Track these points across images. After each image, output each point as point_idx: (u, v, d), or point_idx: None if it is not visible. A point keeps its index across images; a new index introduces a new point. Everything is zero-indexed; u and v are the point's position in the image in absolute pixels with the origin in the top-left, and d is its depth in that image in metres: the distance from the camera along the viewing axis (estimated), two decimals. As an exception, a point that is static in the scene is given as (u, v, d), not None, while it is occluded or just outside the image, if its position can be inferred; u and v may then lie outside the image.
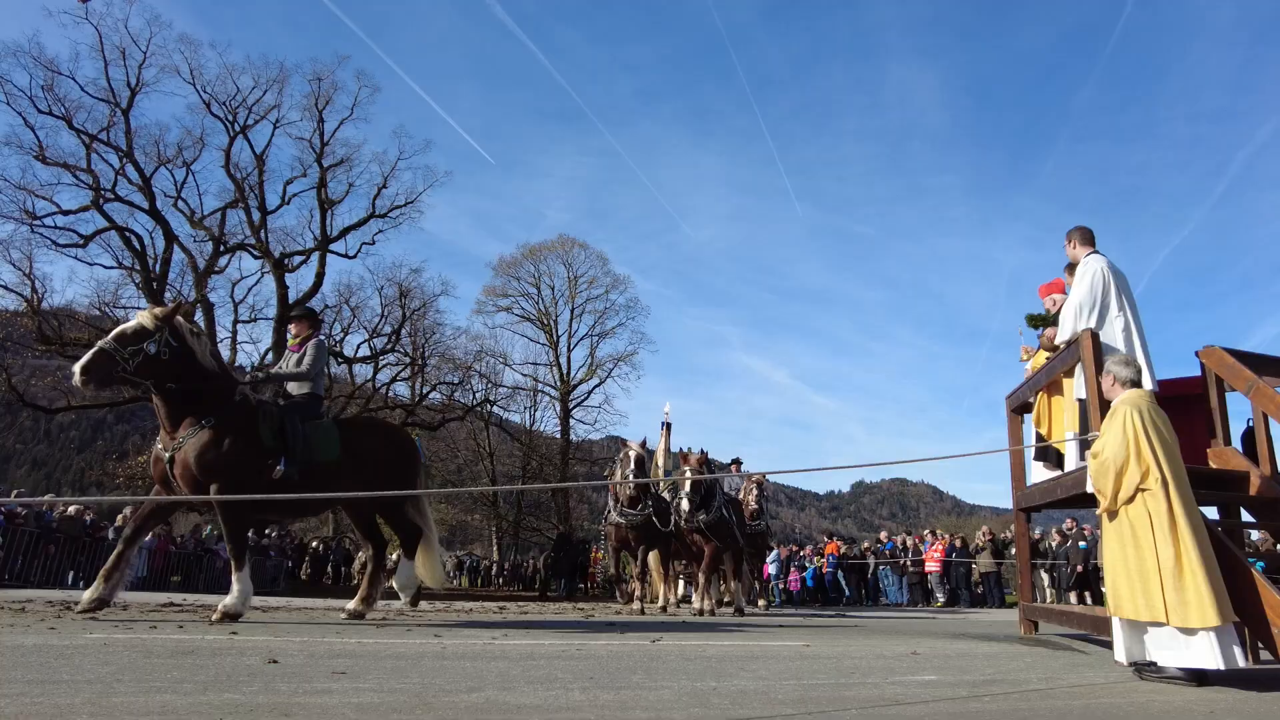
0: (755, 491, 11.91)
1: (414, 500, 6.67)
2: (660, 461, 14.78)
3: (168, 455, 5.39)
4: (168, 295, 23.17)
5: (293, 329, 6.73)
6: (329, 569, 24.04)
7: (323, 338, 6.57)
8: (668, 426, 15.50)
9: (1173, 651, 3.51)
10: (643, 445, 10.57)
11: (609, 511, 10.68)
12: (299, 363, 6.23)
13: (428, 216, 27.81)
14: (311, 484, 5.63)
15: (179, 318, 5.54)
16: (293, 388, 6.26)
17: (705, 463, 10.71)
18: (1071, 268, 5.51)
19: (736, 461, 13.63)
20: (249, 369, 6.44)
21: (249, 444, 5.47)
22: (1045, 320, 6.37)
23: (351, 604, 6.53)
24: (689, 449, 13.31)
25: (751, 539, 11.91)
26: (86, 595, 5.39)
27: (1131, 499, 3.70)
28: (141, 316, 5.42)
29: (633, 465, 10.14)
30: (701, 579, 10.44)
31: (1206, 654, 3.41)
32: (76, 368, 5.05)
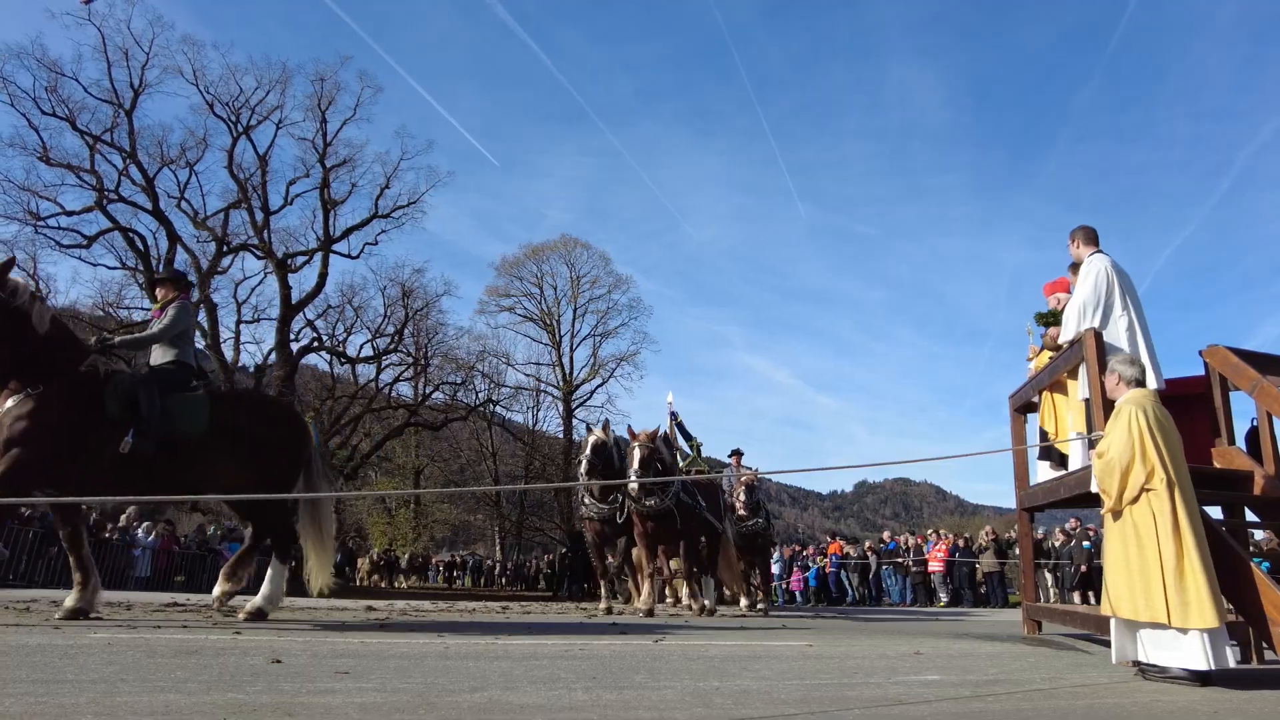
0: (744, 494, 11.04)
1: (309, 499, 6.26)
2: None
3: None
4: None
5: (159, 292, 6.24)
6: (332, 568, 24.07)
7: (187, 300, 6.05)
8: (674, 417, 14.22)
9: (1170, 652, 3.51)
10: (604, 429, 9.42)
11: (581, 505, 9.95)
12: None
13: (430, 216, 27.83)
14: (175, 460, 5.27)
15: (13, 277, 5.08)
16: (155, 356, 5.80)
17: (656, 439, 9.22)
18: (1075, 267, 5.51)
19: (737, 453, 13.02)
20: (100, 338, 5.76)
21: (85, 414, 5.03)
22: (1054, 318, 6.36)
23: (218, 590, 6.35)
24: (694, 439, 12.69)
25: (749, 539, 11.29)
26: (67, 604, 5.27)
27: (1136, 499, 3.69)
28: None
29: (589, 451, 9.06)
30: (642, 574, 9.42)
31: (1201, 654, 3.41)
32: None
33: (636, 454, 8.58)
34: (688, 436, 13.44)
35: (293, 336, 25.07)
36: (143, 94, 22.67)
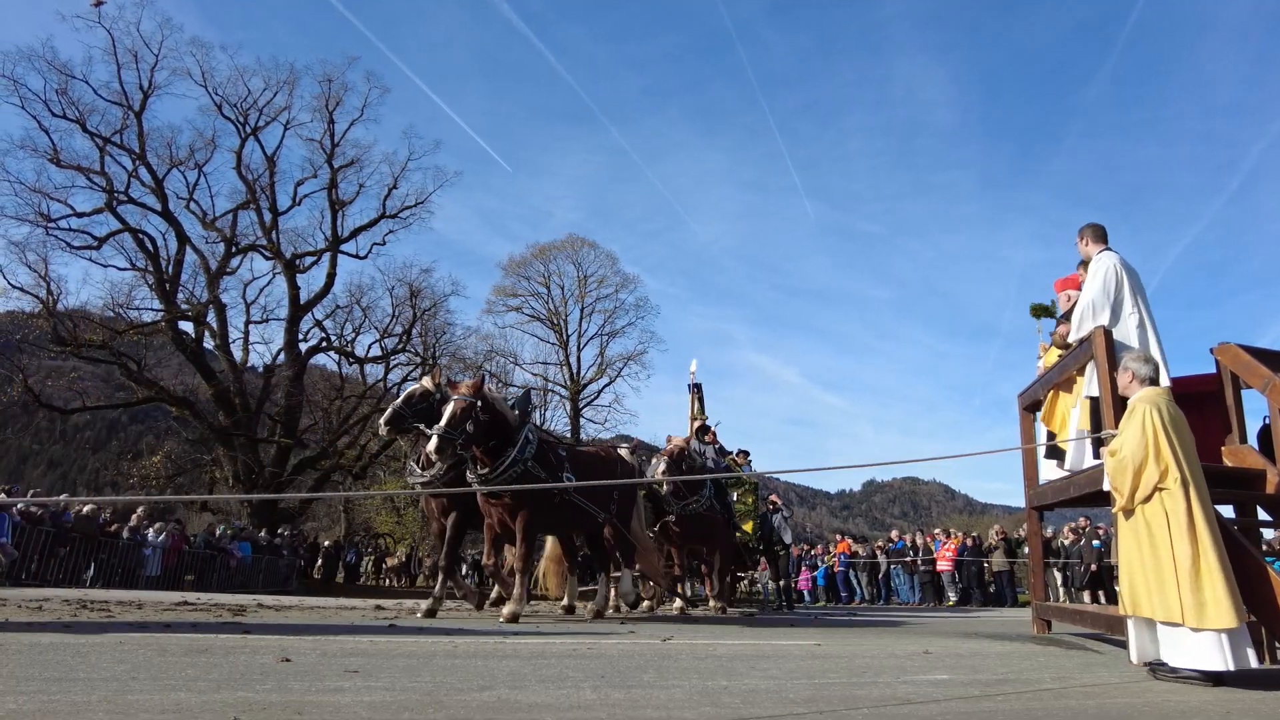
0: (664, 466, 8.68)
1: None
2: (691, 433, 12.56)
3: None
4: (180, 296, 23.38)
5: None
6: (340, 568, 24.18)
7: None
8: (697, 389, 13.23)
9: (1187, 652, 3.48)
10: (435, 375, 7.64)
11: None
12: None
13: (437, 216, 27.99)
14: None
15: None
16: None
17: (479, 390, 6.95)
18: (1085, 265, 5.48)
19: (743, 453, 12.77)
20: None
21: None
22: (1048, 310, 6.33)
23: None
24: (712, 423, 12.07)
25: (689, 523, 9.22)
26: None
27: (1149, 498, 3.67)
28: None
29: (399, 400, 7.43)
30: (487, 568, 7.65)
31: (1220, 655, 3.38)
32: None
33: (447, 410, 6.43)
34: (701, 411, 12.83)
35: (301, 337, 25.22)
36: (152, 96, 22.87)
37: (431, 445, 6.31)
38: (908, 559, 18.01)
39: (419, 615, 6.92)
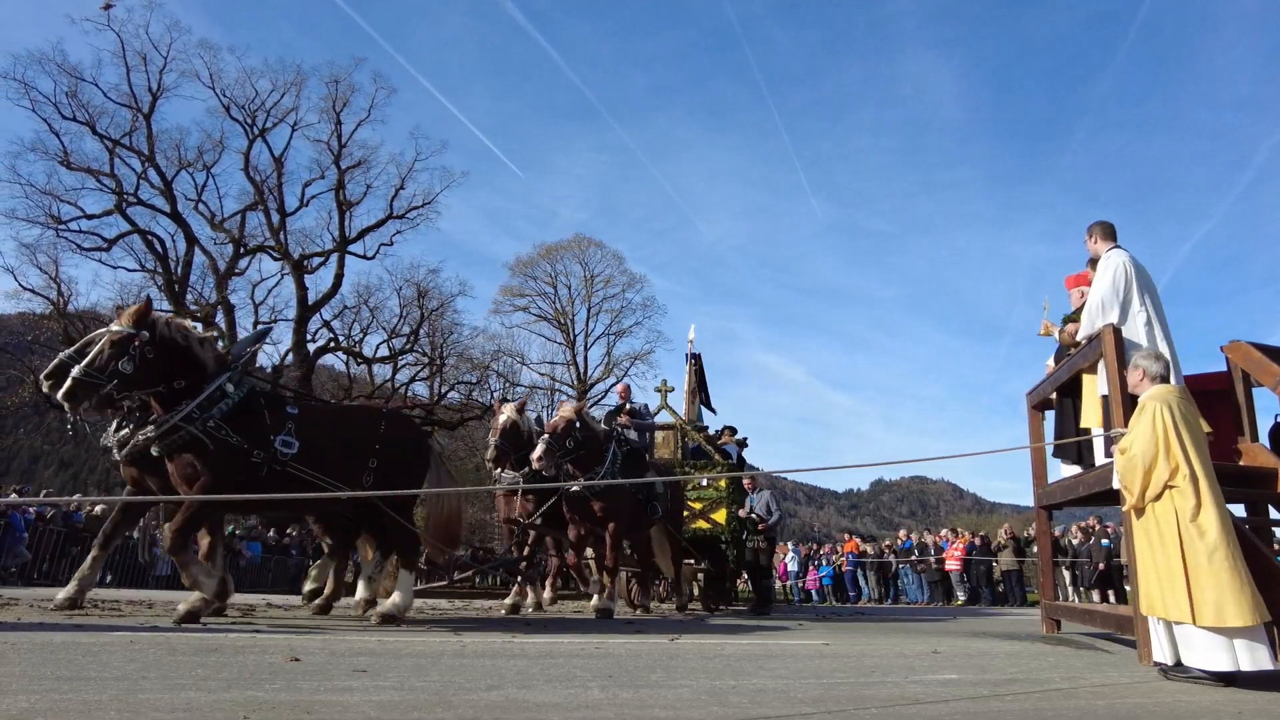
0: (541, 445, 7.29)
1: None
2: (685, 410, 11.74)
3: None
4: (189, 297, 23.48)
5: None
6: (349, 569, 24.20)
7: None
8: (696, 359, 12.08)
9: (1199, 652, 3.46)
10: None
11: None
12: None
13: (444, 216, 27.90)
14: None
15: None
16: None
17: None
18: (1094, 263, 5.45)
19: (729, 430, 11.62)
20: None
21: None
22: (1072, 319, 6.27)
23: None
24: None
25: (582, 503, 7.72)
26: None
27: (1159, 496, 3.65)
28: None
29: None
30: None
31: (1232, 655, 3.36)
32: None
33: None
34: (703, 388, 11.99)
35: (309, 337, 25.27)
36: (160, 98, 22.90)
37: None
38: (913, 558, 17.97)
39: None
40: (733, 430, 11.84)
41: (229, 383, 5.44)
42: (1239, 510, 4.94)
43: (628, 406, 9.27)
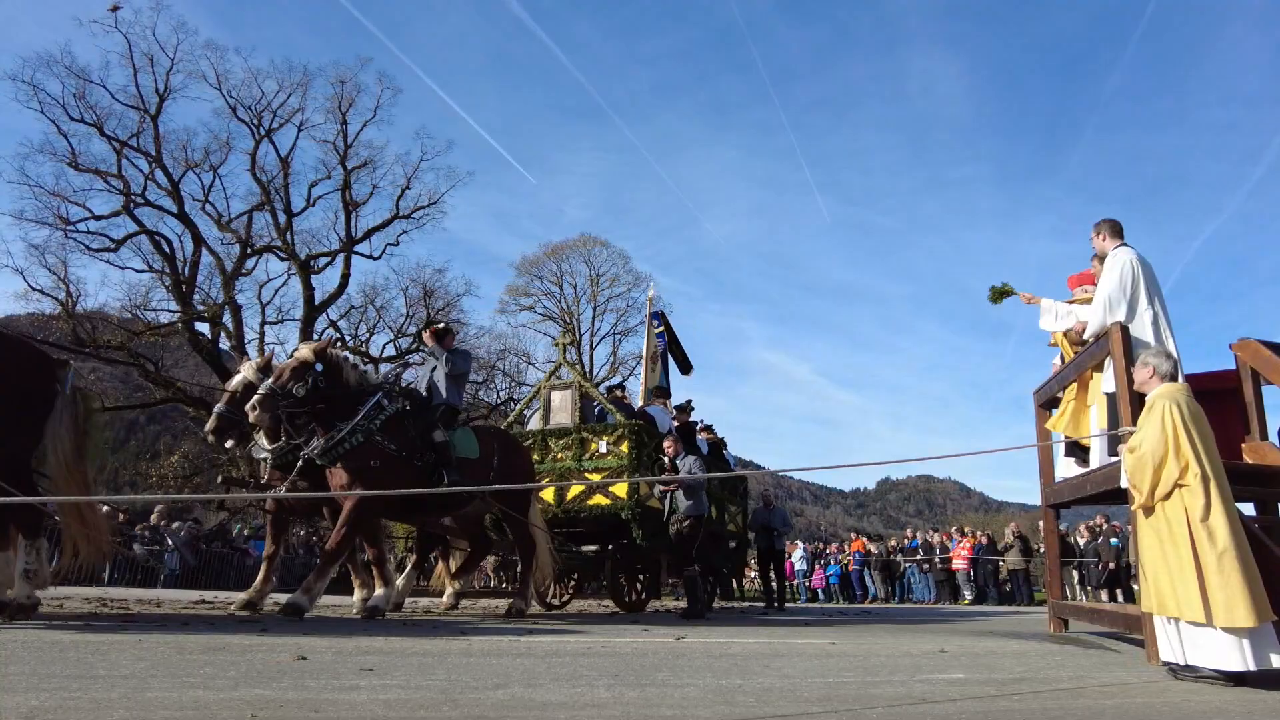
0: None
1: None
2: (645, 377, 11.09)
3: None
4: (196, 297, 23.57)
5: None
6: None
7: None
8: (661, 319, 11.14)
9: (1208, 651, 3.44)
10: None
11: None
12: None
13: (449, 216, 27.99)
14: None
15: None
16: None
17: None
18: (1099, 260, 5.42)
19: (683, 408, 10.68)
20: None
21: None
22: (1005, 292, 6.26)
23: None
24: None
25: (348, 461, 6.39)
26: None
27: (1169, 495, 3.63)
28: None
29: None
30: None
31: (1242, 654, 3.34)
32: None
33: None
34: (676, 348, 10.86)
35: (316, 337, 25.31)
36: (167, 99, 22.98)
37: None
38: (918, 557, 17.92)
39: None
40: (708, 428, 11.14)
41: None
42: (1248, 509, 4.91)
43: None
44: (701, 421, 11.04)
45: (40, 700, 2.24)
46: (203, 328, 23.49)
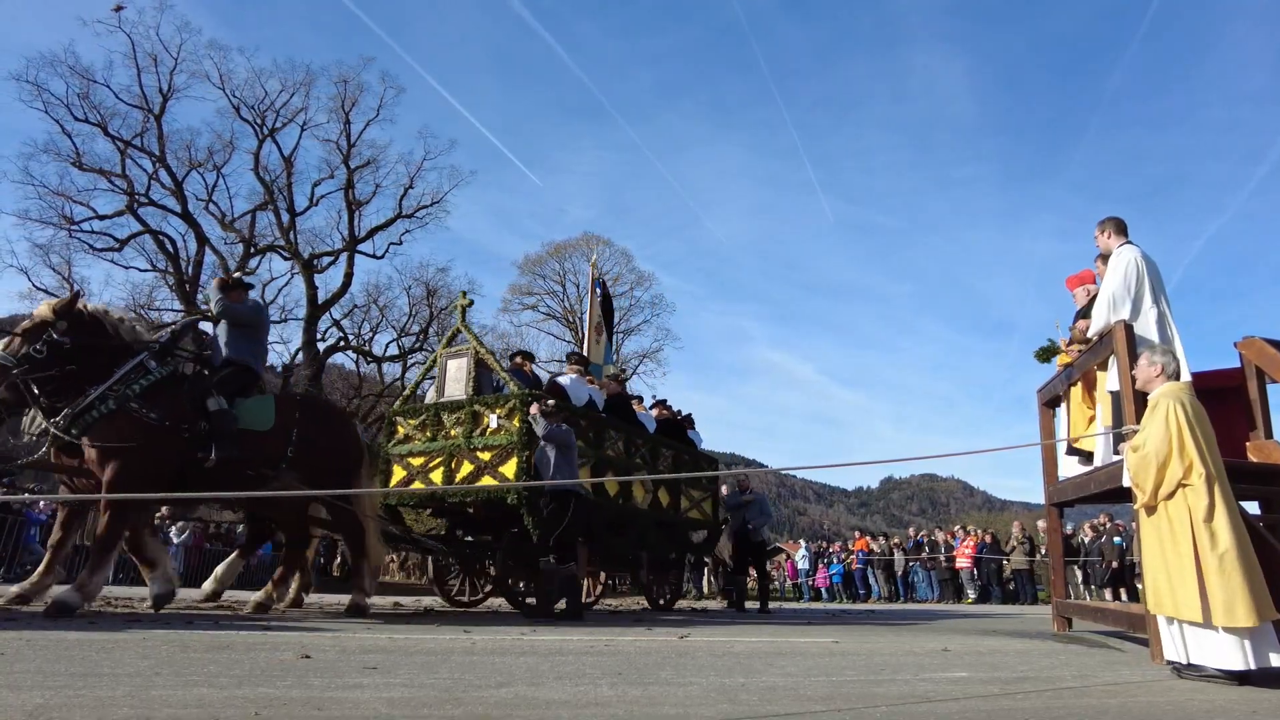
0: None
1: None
2: (589, 349, 10.40)
3: None
4: (200, 297, 23.61)
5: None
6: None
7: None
8: (600, 288, 10.56)
9: (1211, 650, 3.44)
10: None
11: None
12: None
13: (452, 215, 27.99)
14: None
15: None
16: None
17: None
18: (1103, 258, 5.41)
19: (659, 404, 10.39)
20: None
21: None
22: (1053, 351, 6.29)
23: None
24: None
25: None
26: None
27: (1172, 494, 3.62)
28: None
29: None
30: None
31: (1245, 654, 3.33)
32: None
33: None
34: (610, 325, 10.18)
35: (319, 336, 25.39)
36: (171, 99, 23.06)
37: None
38: (923, 555, 17.90)
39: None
40: (662, 402, 10.58)
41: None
42: (1252, 508, 4.89)
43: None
44: (654, 396, 10.51)
45: (45, 698, 2.25)
46: (206, 327, 23.51)
